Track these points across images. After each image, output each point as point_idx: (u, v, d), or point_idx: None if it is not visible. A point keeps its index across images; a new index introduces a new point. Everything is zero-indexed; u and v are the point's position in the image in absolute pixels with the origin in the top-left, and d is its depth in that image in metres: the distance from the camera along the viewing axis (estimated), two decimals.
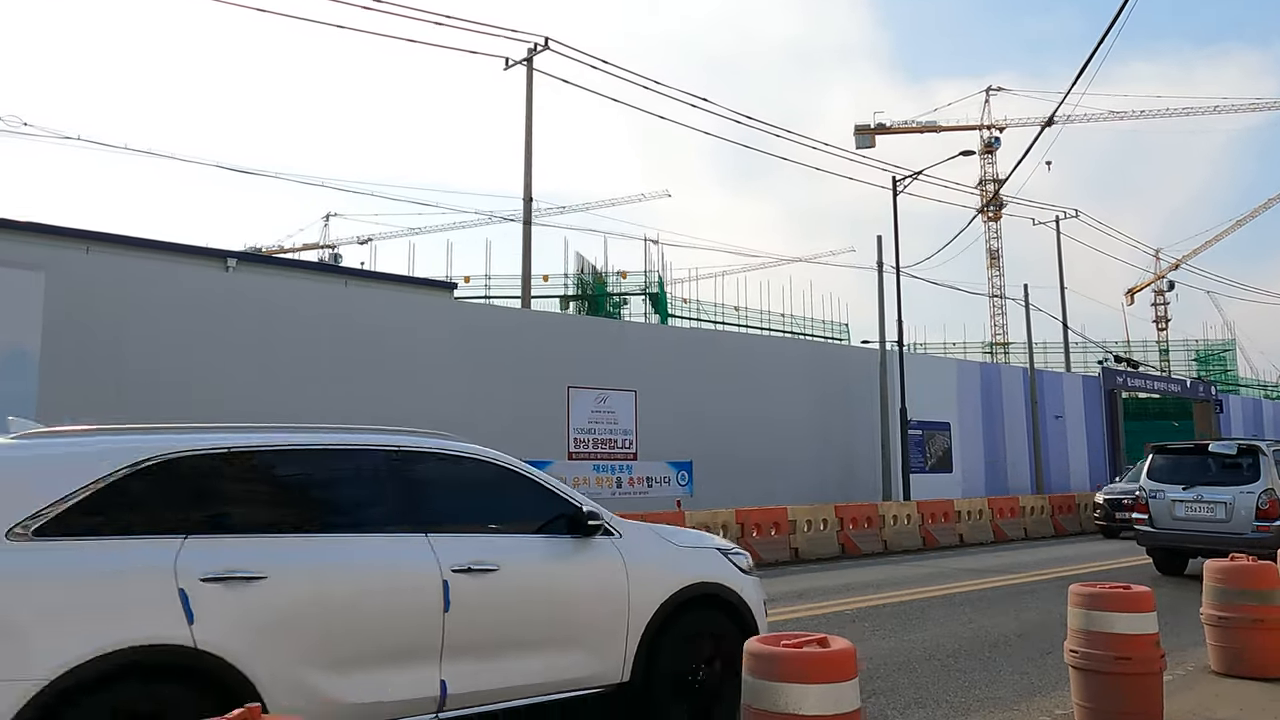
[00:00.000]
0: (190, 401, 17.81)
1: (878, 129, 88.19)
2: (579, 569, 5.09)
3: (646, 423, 24.87)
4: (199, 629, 3.82)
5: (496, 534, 5.00)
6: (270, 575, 4.05)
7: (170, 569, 3.87)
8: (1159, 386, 42.93)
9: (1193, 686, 6.32)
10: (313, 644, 4.11)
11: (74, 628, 3.61)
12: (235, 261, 21.35)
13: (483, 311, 25.19)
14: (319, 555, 4.30)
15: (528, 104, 25.25)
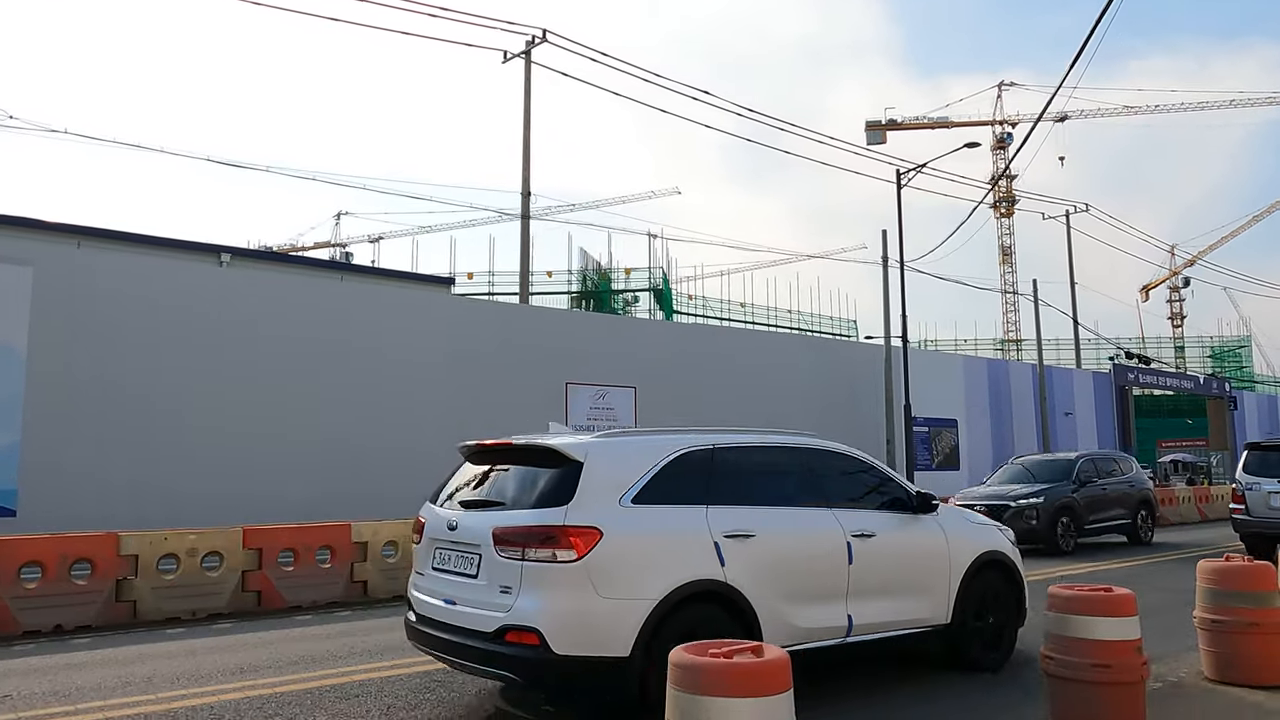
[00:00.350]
0: (184, 397, 17.64)
1: (889, 125, 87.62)
2: (919, 537, 6.62)
3: (646, 419, 24.56)
4: (727, 570, 5.40)
5: (866, 510, 6.45)
6: (757, 534, 5.63)
7: (706, 529, 5.46)
8: (1171, 383, 42.33)
9: (1182, 695, 5.97)
10: (780, 582, 5.64)
11: (665, 565, 5.22)
12: (229, 257, 21.15)
13: (480, 307, 24.91)
14: (779, 521, 5.86)
15: (526, 97, 24.96)
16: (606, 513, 5.16)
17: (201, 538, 9.79)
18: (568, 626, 4.89)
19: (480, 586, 5.23)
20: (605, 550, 5.02)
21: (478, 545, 5.31)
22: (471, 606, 5.23)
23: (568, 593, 4.95)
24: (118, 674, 6.87)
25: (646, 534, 5.26)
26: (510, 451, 6.01)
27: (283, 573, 10.18)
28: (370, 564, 10.77)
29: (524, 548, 5.04)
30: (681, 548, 5.34)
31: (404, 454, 20.49)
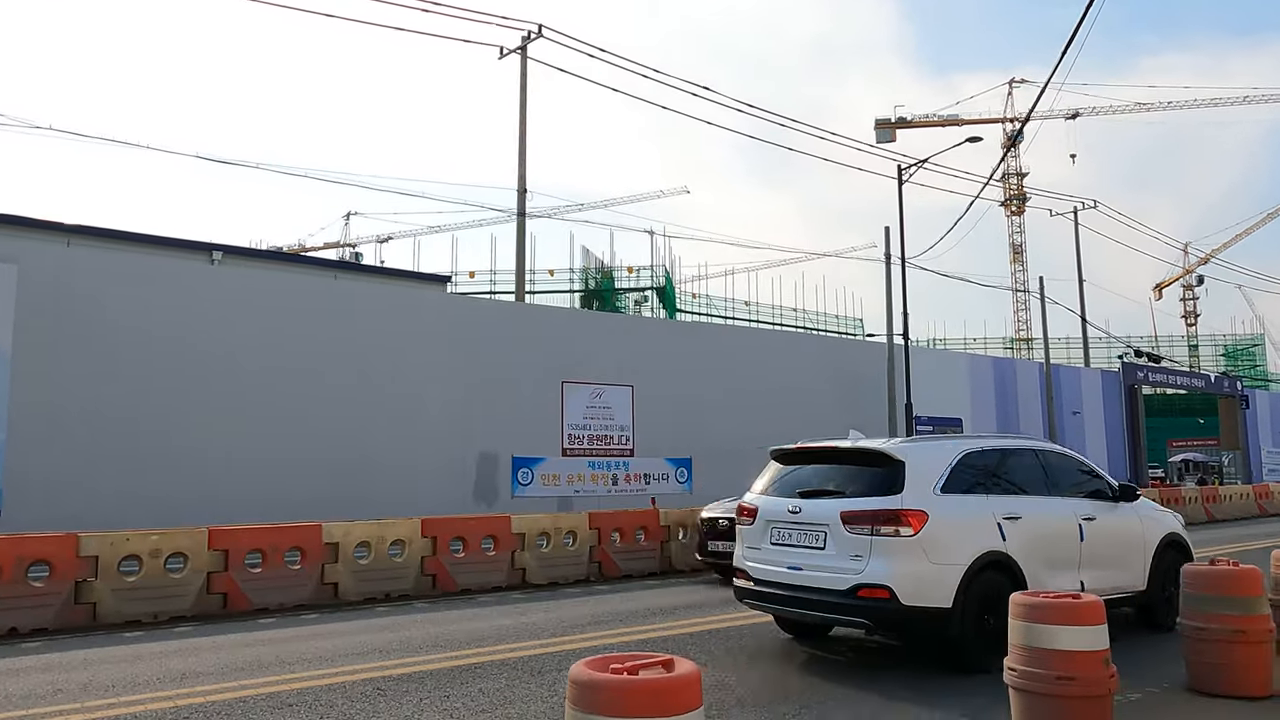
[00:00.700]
0: (173, 397, 17.46)
1: (898, 123, 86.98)
2: (1124, 520, 8.15)
3: (644, 418, 24.27)
4: (1007, 544, 6.87)
5: (1084, 498, 7.94)
6: (1023, 517, 7.10)
7: (990, 513, 6.97)
8: (1182, 382, 41.77)
9: (1159, 708, 5.63)
10: (1039, 554, 7.09)
11: (969, 539, 6.74)
12: (221, 255, 20.96)
13: (475, 305, 24.66)
14: (1034, 507, 7.36)
15: (521, 94, 24.72)
16: (927, 500, 6.69)
17: (165, 538, 9.55)
18: (910, 584, 6.39)
19: (829, 555, 6.77)
20: (931, 528, 6.51)
21: (825, 524, 6.87)
22: (821, 571, 6.78)
23: (908, 559, 6.45)
24: (54, 680, 6.62)
25: (954, 516, 6.78)
26: (835, 453, 7.67)
27: (249, 575, 9.92)
28: (342, 565, 10.50)
29: (872, 525, 6.58)
30: (977, 526, 6.85)
31: (398, 453, 20.30)
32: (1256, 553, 13.32)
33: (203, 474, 17.49)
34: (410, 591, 10.77)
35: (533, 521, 11.92)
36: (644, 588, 11.50)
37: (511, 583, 11.51)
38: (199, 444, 17.56)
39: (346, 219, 70.51)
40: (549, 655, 7.22)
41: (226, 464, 17.78)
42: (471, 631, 8.38)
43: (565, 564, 12.03)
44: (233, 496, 17.52)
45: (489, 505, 21.33)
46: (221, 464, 17.73)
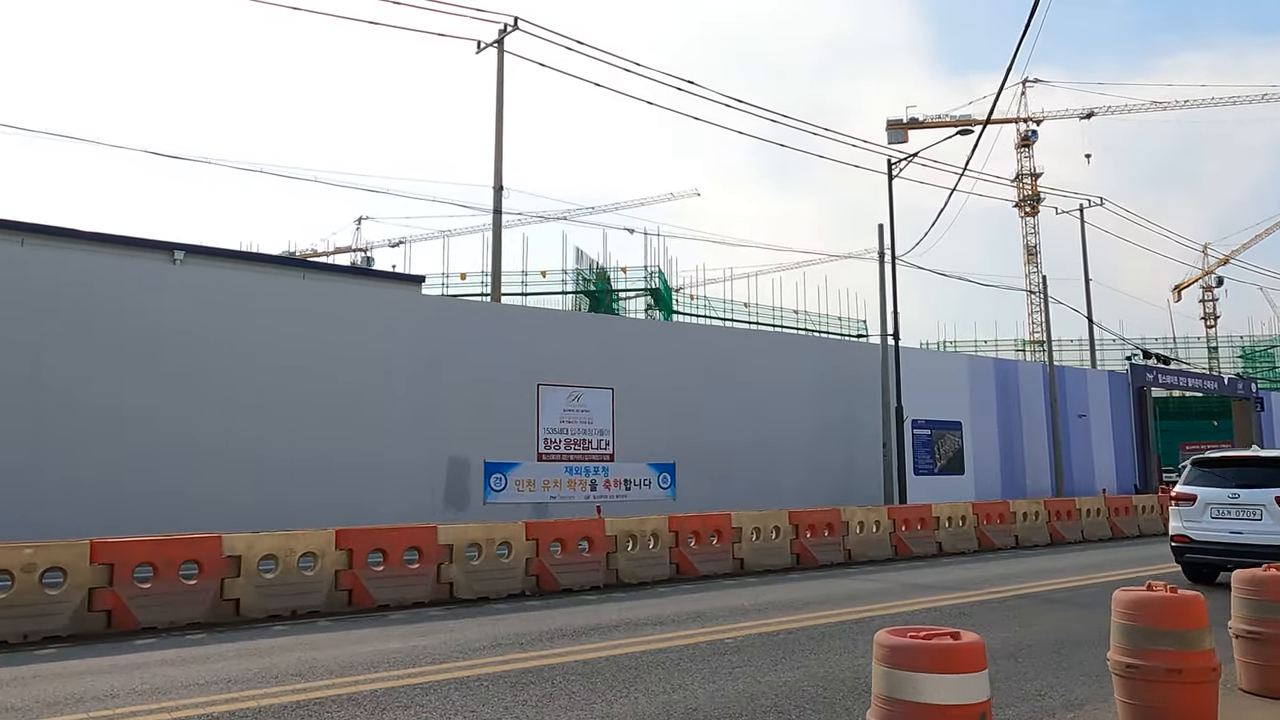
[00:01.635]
0: (127, 397, 16.87)
1: (910, 124, 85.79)
2: None
3: (626, 422, 23.52)
4: None
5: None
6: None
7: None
8: (1193, 384, 40.59)
9: None
10: None
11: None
12: (183, 255, 20.34)
13: (448, 305, 23.98)
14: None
15: (498, 87, 24.01)
16: None
17: (39, 551, 8.84)
18: None
19: (1265, 524, 10.79)
20: None
21: (1261, 505, 10.84)
22: (1260, 535, 10.77)
23: None
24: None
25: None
26: (1254, 460, 11.66)
27: (138, 590, 9.20)
28: (245, 580, 9.76)
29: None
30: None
31: (362, 458, 19.63)
32: None
33: (155, 475, 16.90)
34: (321, 607, 10.02)
35: (462, 532, 11.14)
36: (582, 603, 10.71)
37: (436, 598, 10.75)
38: (152, 444, 16.98)
39: (358, 224, 70.30)
40: (411, 688, 6.44)
41: (181, 466, 17.18)
42: (344, 658, 7.61)
43: (498, 578, 11.25)
44: (186, 498, 16.93)
45: (459, 512, 20.64)
46: (176, 465, 17.13)
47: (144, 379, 17.18)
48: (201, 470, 17.33)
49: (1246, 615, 6.19)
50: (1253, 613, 6.17)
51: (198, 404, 17.59)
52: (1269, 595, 6.15)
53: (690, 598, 10.92)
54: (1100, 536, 19.20)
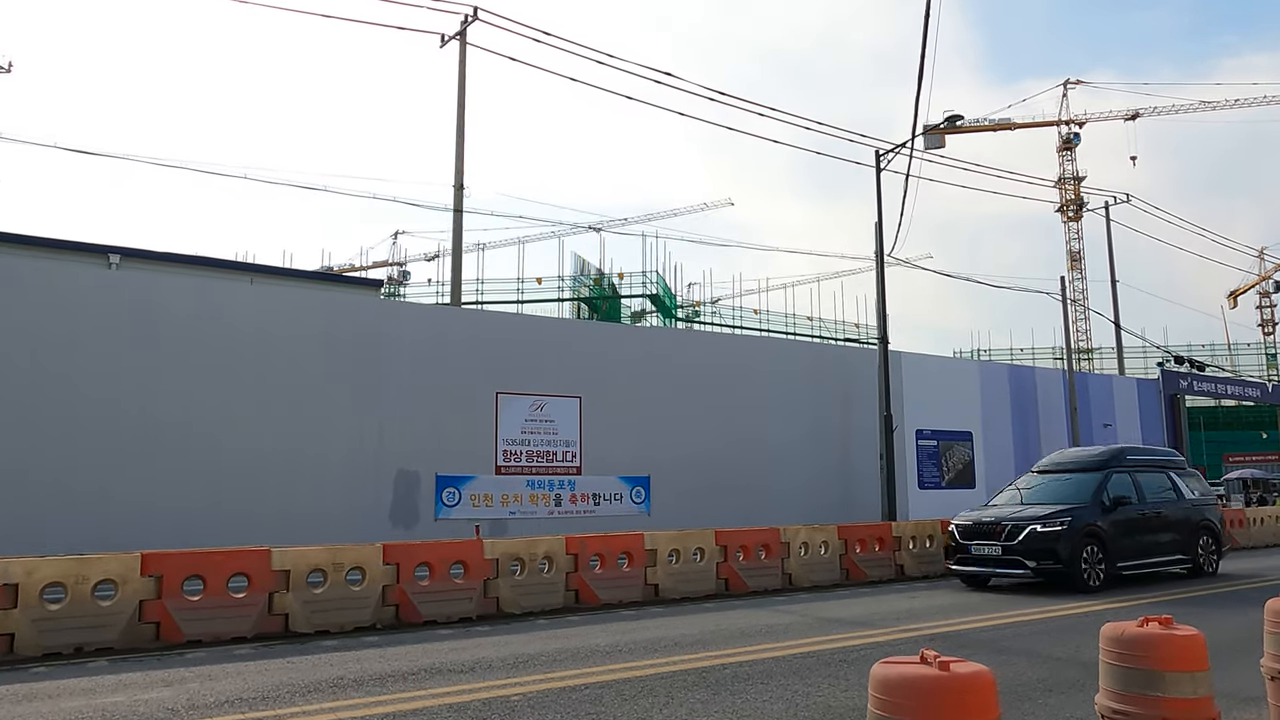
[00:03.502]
0: (57, 407, 15.94)
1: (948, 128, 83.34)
2: None
3: (595, 433, 22.05)
4: None
5: None
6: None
7: None
8: (1233, 391, 38.06)
9: None
10: None
11: None
12: (119, 258, 19.40)
13: (404, 309, 22.76)
14: None
15: (460, 82, 22.87)
16: None
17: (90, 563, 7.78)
18: None
19: None
20: None
21: None
22: None
23: None
24: None
25: None
26: None
27: None
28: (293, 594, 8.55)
29: None
30: None
31: (301, 471, 18.45)
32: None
33: (85, 486, 15.89)
34: (116, 643, 8.72)
35: (300, 556, 9.77)
36: (439, 639, 9.28)
37: (266, 630, 9.39)
38: (76, 456, 15.97)
39: (394, 238, 70.00)
40: None
41: (114, 478, 16.16)
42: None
43: (351, 607, 9.88)
44: (113, 509, 15.92)
45: (408, 529, 19.36)
46: (107, 478, 16.12)
47: (70, 386, 16.20)
48: (132, 486, 16.29)
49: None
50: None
51: (127, 411, 16.56)
52: None
53: (552, 634, 9.44)
54: None
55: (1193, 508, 14.52)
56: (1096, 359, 75.59)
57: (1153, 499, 13.99)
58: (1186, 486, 14.80)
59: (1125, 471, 13.99)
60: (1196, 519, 14.46)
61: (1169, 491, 14.47)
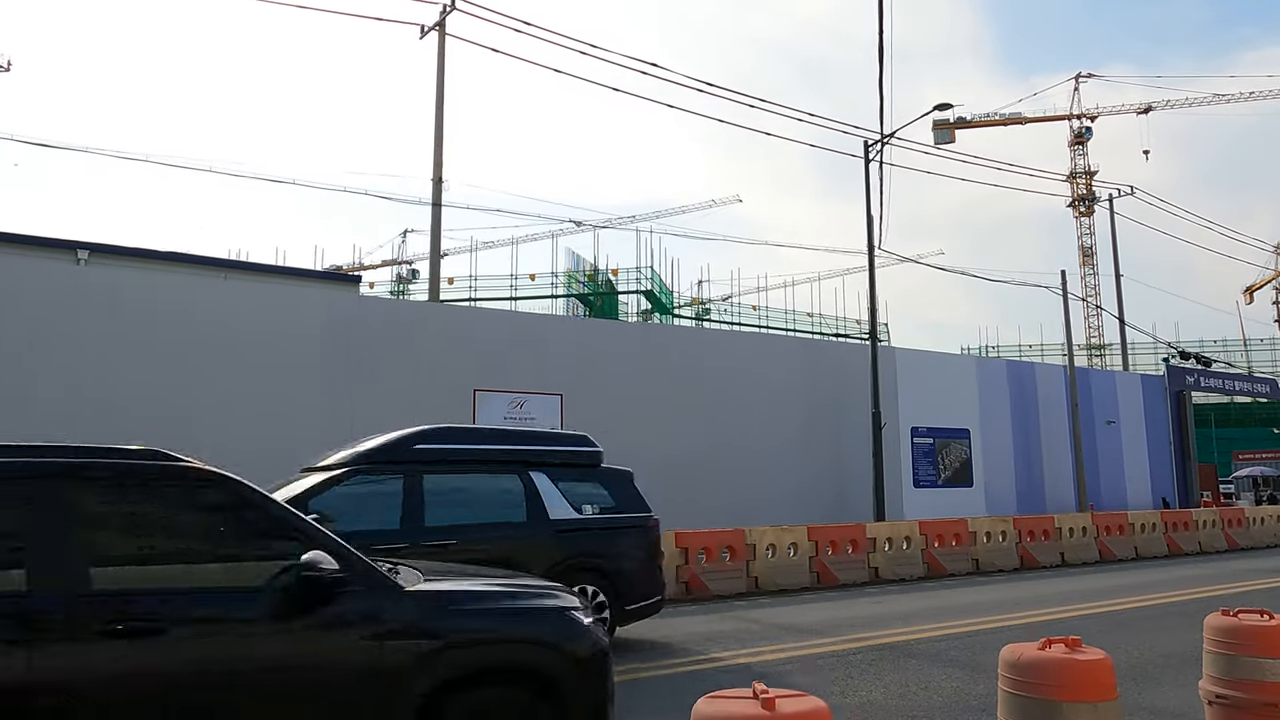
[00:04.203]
0: (23, 404, 15.61)
1: (957, 123, 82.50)
2: None
3: (577, 430, 21.56)
4: None
5: None
6: None
7: None
8: (1241, 387, 37.26)
9: None
10: None
11: None
12: (88, 254, 19.04)
13: (380, 306, 22.32)
14: None
15: (439, 74, 22.41)
16: None
17: None
18: None
19: None
20: None
21: None
22: None
23: None
24: None
25: None
26: None
27: None
28: None
29: None
30: None
31: (271, 470, 18.05)
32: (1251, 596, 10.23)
33: None
34: None
35: None
36: None
37: None
38: None
39: (403, 237, 69.72)
40: None
41: None
42: None
43: None
44: None
45: None
46: None
47: (37, 382, 15.84)
48: None
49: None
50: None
51: (88, 408, 16.18)
52: None
53: None
54: (1085, 560, 16.70)
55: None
56: (1108, 355, 74.63)
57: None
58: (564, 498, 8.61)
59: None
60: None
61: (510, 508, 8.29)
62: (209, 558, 4.03)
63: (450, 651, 3.95)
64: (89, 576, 3.57)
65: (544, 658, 4.14)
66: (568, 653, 4.17)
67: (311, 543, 3.90)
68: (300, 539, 3.93)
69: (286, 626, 3.73)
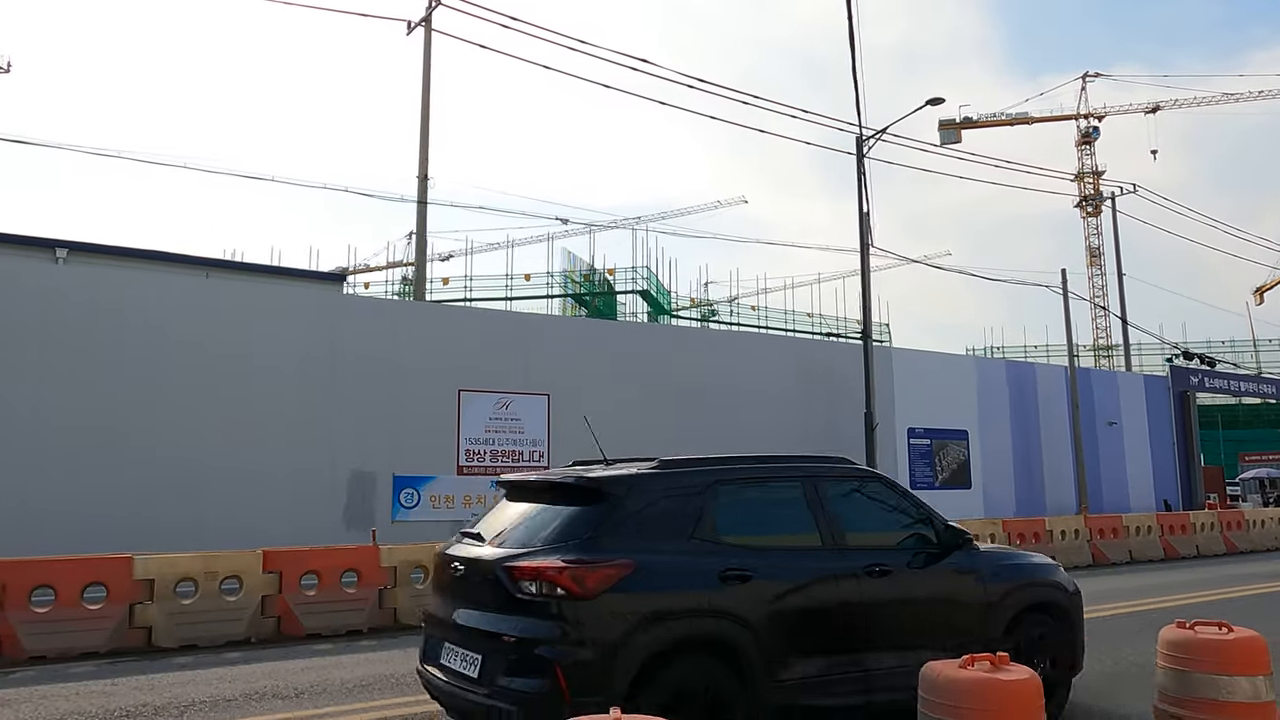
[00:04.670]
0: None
1: (964, 123, 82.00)
2: None
3: (564, 432, 21.21)
4: None
5: None
6: None
7: None
8: (1247, 388, 36.72)
9: None
10: None
11: None
12: (66, 252, 18.81)
13: (364, 305, 21.99)
14: None
15: (425, 70, 22.12)
16: None
17: None
18: None
19: None
20: None
21: None
22: None
23: None
24: None
25: None
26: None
27: None
28: None
29: None
30: None
31: (250, 472, 17.70)
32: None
33: (23, 488, 15.27)
34: None
35: (167, 564, 8.99)
36: (304, 655, 8.44)
37: (125, 645, 8.63)
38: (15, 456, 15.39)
39: (409, 239, 69.57)
40: None
41: (55, 478, 15.55)
42: None
43: (224, 620, 9.10)
44: (53, 514, 15.27)
45: (362, 533, 18.65)
46: (47, 478, 15.51)
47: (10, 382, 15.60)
48: (66, 482, 15.67)
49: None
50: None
51: (54, 409, 15.96)
52: None
53: None
54: (1077, 564, 16.29)
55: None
56: (1116, 356, 73.96)
57: None
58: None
59: None
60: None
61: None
62: (883, 525, 5.93)
63: (1018, 591, 5.98)
64: (846, 537, 5.58)
65: (1060, 595, 6.19)
66: (1070, 592, 6.26)
67: (930, 519, 6.06)
68: (924, 516, 6.07)
69: (933, 570, 5.74)
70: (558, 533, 4.88)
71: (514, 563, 4.69)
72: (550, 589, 4.51)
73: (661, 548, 4.86)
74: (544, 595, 4.53)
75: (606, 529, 4.83)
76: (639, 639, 4.50)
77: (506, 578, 4.66)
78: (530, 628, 4.50)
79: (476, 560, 5.02)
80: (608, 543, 4.76)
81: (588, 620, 4.47)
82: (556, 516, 5.07)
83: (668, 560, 4.83)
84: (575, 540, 4.75)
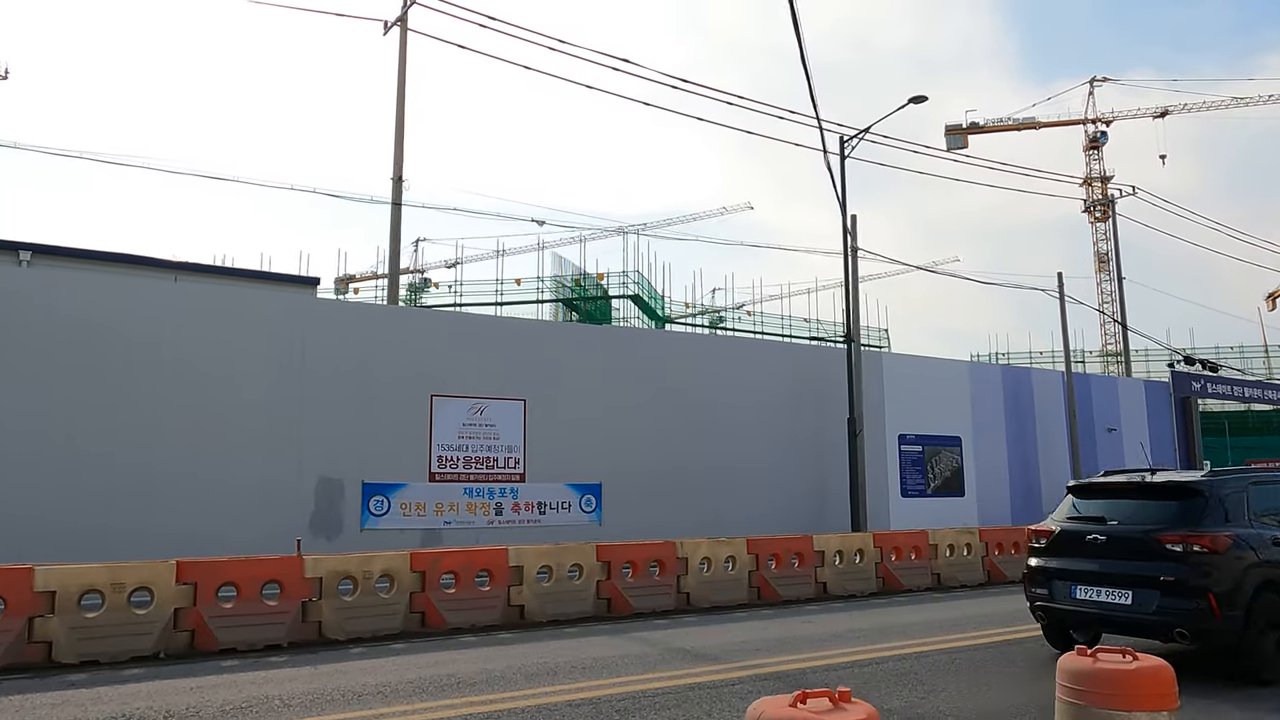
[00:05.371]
0: None
1: (970, 128, 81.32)
2: None
3: (541, 438, 20.75)
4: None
5: None
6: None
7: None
8: (1251, 393, 35.97)
9: None
10: None
11: None
12: (30, 255, 18.45)
13: (335, 309, 21.53)
14: None
15: (400, 70, 21.75)
16: None
17: None
18: None
19: None
20: None
21: None
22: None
23: None
24: None
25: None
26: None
27: None
28: None
29: None
30: None
31: (213, 479, 17.31)
32: None
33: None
34: None
35: (70, 575, 8.55)
36: (216, 671, 8.01)
37: (22, 661, 8.20)
38: None
39: (415, 245, 69.40)
40: None
41: (9, 486, 15.21)
42: None
43: (132, 633, 8.66)
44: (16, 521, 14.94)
45: (330, 540, 18.19)
46: (3, 485, 15.17)
47: None
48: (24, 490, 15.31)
49: None
50: None
51: (40, 415, 15.63)
52: None
53: (365, 664, 8.13)
54: None
55: None
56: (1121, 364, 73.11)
57: None
58: None
59: None
60: None
61: None
62: None
63: None
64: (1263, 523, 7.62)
65: None
66: None
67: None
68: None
69: None
70: (1175, 517, 7.50)
71: (1162, 533, 7.38)
72: (1196, 550, 7.16)
73: (1236, 525, 7.42)
74: (1192, 553, 7.17)
75: (1207, 513, 7.42)
76: (1249, 577, 7.16)
77: (1154, 542, 7.36)
78: (1185, 571, 7.13)
79: (1115, 534, 7.69)
80: (1208, 522, 7.37)
81: (1223, 566, 7.12)
82: (1164, 507, 7.69)
83: (1244, 531, 7.39)
84: (1191, 519, 7.40)
